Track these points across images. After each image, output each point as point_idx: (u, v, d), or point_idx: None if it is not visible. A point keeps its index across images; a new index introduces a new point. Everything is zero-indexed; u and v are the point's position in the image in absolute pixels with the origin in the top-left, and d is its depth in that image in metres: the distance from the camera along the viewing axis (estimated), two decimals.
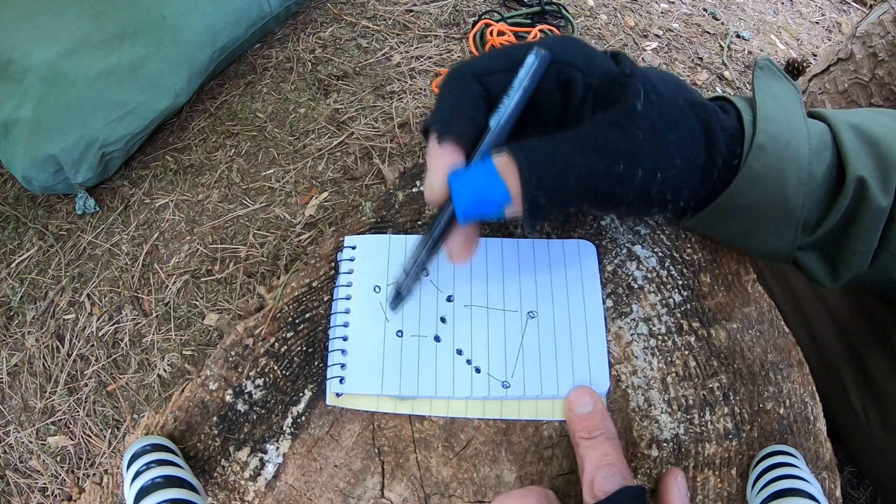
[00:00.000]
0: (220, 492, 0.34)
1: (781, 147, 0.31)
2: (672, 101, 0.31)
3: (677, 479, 0.31)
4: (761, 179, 0.31)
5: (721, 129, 0.32)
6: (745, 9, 1.57)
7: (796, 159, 0.31)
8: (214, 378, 0.37)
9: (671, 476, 0.31)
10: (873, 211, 0.31)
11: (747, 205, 0.32)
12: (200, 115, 1.20)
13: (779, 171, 0.31)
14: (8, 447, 0.88)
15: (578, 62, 0.32)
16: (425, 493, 0.34)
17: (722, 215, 0.34)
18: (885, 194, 0.31)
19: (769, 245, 0.34)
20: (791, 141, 0.31)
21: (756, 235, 0.34)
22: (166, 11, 1.07)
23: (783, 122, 0.32)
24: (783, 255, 0.34)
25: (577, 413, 0.33)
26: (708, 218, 0.34)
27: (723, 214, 0.34)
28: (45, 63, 0.98)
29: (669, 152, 0.30)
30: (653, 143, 0.29)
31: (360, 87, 1.23)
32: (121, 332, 0.96)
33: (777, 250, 0.34)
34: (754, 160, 0.31)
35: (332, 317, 0.38)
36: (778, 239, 0.34)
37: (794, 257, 0.35)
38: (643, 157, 0.29)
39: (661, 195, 0.30)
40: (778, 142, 0.31)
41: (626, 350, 0.37)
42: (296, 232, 1.03)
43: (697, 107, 0.32)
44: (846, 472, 0.74)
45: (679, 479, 0.31)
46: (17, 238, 1.07)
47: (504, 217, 0.30)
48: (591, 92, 0.32)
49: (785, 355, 0.37)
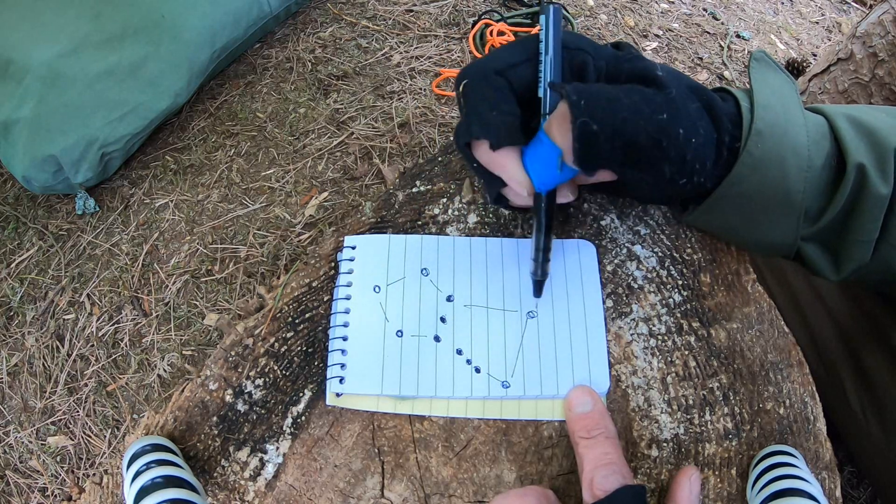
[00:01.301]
0: (220, 492, 0.34)
1: (779, 134, 0.31)
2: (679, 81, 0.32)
3: (691, 479, 0.31)
4: (761, 166, 0.31)
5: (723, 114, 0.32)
6: (744, 9, 1.57)
7: (795, 147, 0.31)
8: (214, 378, 0.37)
9: (685, 474, 0.31)
10: (874, 199, 0.31)
11: (749, 193, 0.32)
12: (200, 115, 1.20)
13: (778, 158, 0.31)
14: (8, 447, 0.88)
15: (587, 47, 0.33)
16: (425, 493, 0.34)
17: (724, 206, 0.34)
18: (884, 182, 0.31)
19: (772, 237, 0.34)
20: (789, 129, 0.32)
21: (758, 227, 0.34)
22: (166, 11, 1.07)
23: (780, 111, 0.32)
24: (786, 247, 0.34)
25: (577, 412, 0.33)
26: (710, 209, 0.34)
27: (725, 205, 0.33)
28: (45, 63, 0.98)
29: (694, 120, 0.30)
30: (682, 106, 0.30)
31: (360, 87, 1.23)
32: (121, 332, 0.96)
33: (780, 242, 0.34)
34: (753, 146, 0.31)
35: (331, 317, 0.38)
36: (780, 230, 0.34)
37: (797, 250, 0.34)
38: (680, 112, 0.29)
39: (692, 163, 0.30)
40: (776, 129, 0.31)
41: (626, 350, 0.37)
42: (296, 232, 1.03)
43: (699, 90, 0.32)
44: (846, 472, 0.74)
45: (693, 479, 0.31)
46: (17, 238, 1.07)
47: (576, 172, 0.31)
48: (603, 74, 0.33)
49: (785, 355, 0.37)
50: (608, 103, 0.29)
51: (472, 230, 0.41)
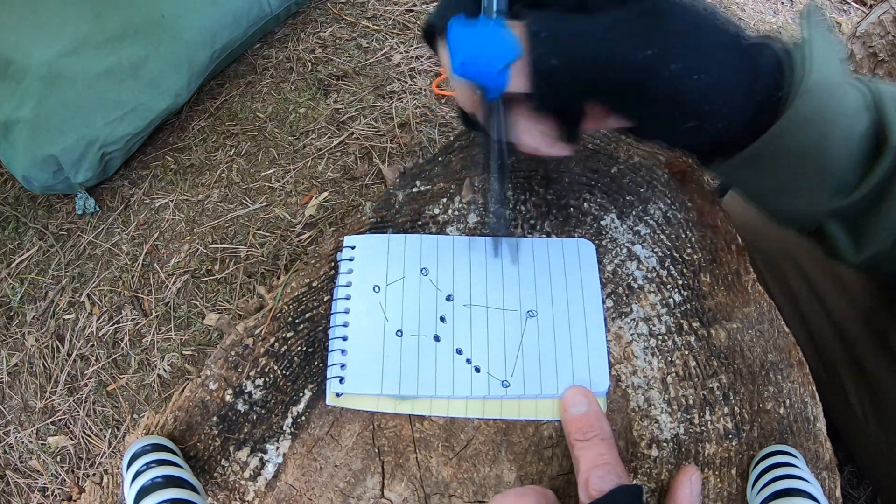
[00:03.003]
0: (220, 492, 0.34)
1: (830, 94, 0.29)
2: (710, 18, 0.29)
3: (692, 479, 0.31)
4: (807, 124, 0.29)
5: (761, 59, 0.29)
6: (745, 9, 1.57)
7: (844, 110, 0.29)
8: (214, 378, 0.37)
9: (685, 474, 0.31)
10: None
11: (788, 151, 0.30)
12: (200, 115, 1.20)
13: (824, 119, 0.29)
14: (8, 447, 0.88)
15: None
16: (425, 493, 0.34)
17: (757, 162, 0.31)
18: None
19: (801, 204, 0.32)
20: (839, 90, 0.29)
21: (789, 192, 0.32)
22: (166, 11, 1.07)
23: (834, 70, 0.29)
24: (811, 218, 0.33)
25: (572, 414, 0.33)
26: (742, 164, 0.31)
27: (758, 161, 0.31)
28: (45, 63, 0.98)
29: (707, 53, 0.27)
30: (689, 37, 0.27)
31: (360, 87, 1.23)
32: (121, 332, 0.96)
33: (807, 212, 0.32)
34: (803, 102, 0.28)
35: (331, 317, 0.38)
36: (811, 198, 0.32)
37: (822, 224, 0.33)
38: (677, 47, 0.26)
39: (697, 104, 0.28)
40: (828, 87, 0.29)
41: (626, 350, 0.37)
42: (296, 232, 1.03)
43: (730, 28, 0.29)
44: (846, 472, 0.74)
45: (694, 479, 0.31)
46: (17, 238, 1.07)
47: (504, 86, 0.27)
48: None
49: (785, 355, 0.37)
50: (579, 38, 0.26)
51: (472, 230, 0.41)
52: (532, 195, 0.42)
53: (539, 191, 0.42)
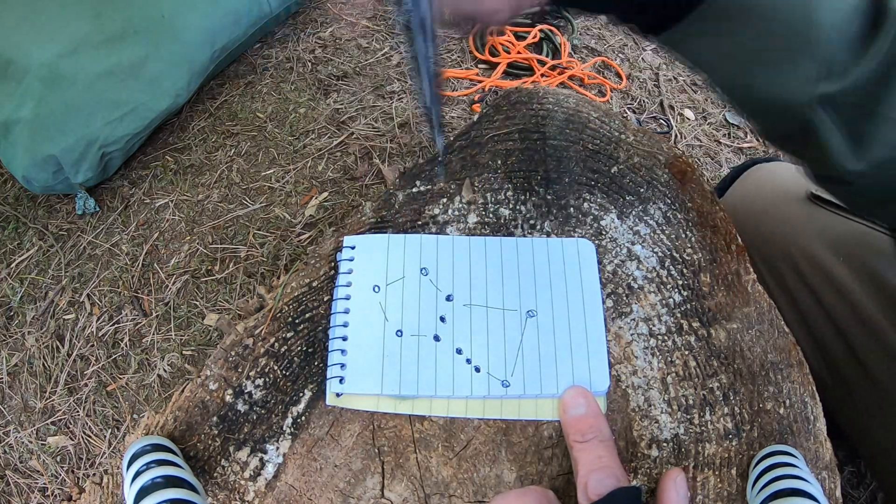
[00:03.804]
0: (220, 492, 0.34)
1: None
2: None
3: (676, 481, 0.30)
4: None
5: None
6: None
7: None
8: (214, 378, 0.37)
9: (669, 478, 0.30)
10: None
11: (758, 7, 0.25)
12: (200, 115, 1.20)
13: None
14: (8, 447, 0.88)
15: None
16: (425, 493, 0.34)
17: (718, 22, 0.26)
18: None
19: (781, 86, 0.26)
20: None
21: (766, 67, 0.26)
22: (166, 11, 1.07)
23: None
24: (796, 108, 0.27)
25: (571, 416, 0.33)
26: (700, 27, 0.26)
27: (720, 21, 0.25)
28: (45, 63, 0.98)
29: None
30: None
31: (360, 87, 1.23)
32: (121, 332, 0.96)
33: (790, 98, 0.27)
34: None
35: (331, 317, 0.38)
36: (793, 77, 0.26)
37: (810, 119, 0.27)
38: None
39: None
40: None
41: (626, 350, 0.37)
42: (296, 232, 1.03)
43: None
44: (846, 472, 0.74)
45: (678, 481, 0.30)
46: (17, 238, 1.07)
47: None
48: None
49: (785, 355, 0.37)
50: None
51: (472, 230, 0.41)
52: (532, 195, 0.42)
53: (539, 191, 0.42)
